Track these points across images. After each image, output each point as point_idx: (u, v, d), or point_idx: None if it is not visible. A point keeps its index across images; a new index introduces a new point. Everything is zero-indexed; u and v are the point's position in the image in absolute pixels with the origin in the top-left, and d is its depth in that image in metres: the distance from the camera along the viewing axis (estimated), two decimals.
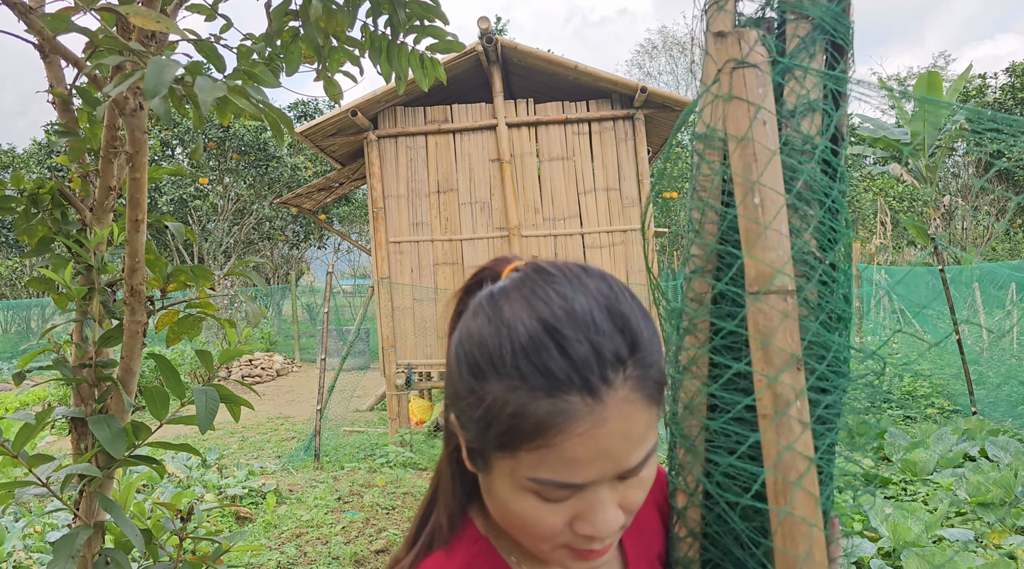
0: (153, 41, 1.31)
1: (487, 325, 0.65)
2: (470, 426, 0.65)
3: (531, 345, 0.61)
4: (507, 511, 0.67)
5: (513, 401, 0.61)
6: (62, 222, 1.45)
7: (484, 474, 0.68)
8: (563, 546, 0.67)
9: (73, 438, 1.41)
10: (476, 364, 0.64)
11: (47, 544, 4.53)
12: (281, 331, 20.60)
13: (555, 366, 0.60)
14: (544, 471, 0.62)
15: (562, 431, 0.60)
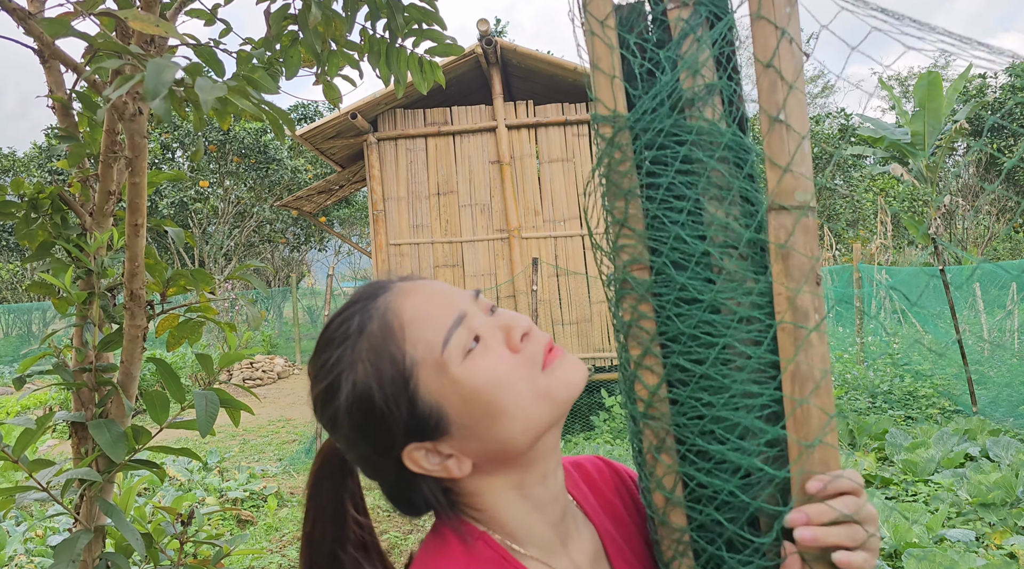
0: (152, 46, 1.31)
1: (313, 364, 0.76)
2: (390, 419, 0.69)
3: (334, 323, 0.74)
4: (481, 400, 0.68)
5: (359, 345, 0.70)
6: (62, 226, 1.46)
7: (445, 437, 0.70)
8: (538, 374, 0.70)
9: (73, 442, 1.42)
10: (328, 396, 0.73)
11: (48, 548, 4.53)
12: (282, 334, 20.61)
13: (349, 311, 0.73)
14: (430, 343, 0.68)
15: (390, 311, 0.70)
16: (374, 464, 0.75)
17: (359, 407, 0.69)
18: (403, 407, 0.68)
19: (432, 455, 0.72)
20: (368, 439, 0.71)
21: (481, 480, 0.74)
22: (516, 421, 0.68)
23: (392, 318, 0.69)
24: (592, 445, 7.28)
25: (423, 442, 0.71)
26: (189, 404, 1.35)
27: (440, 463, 0.72)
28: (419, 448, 0.71)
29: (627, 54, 0.79)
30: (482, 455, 0.72)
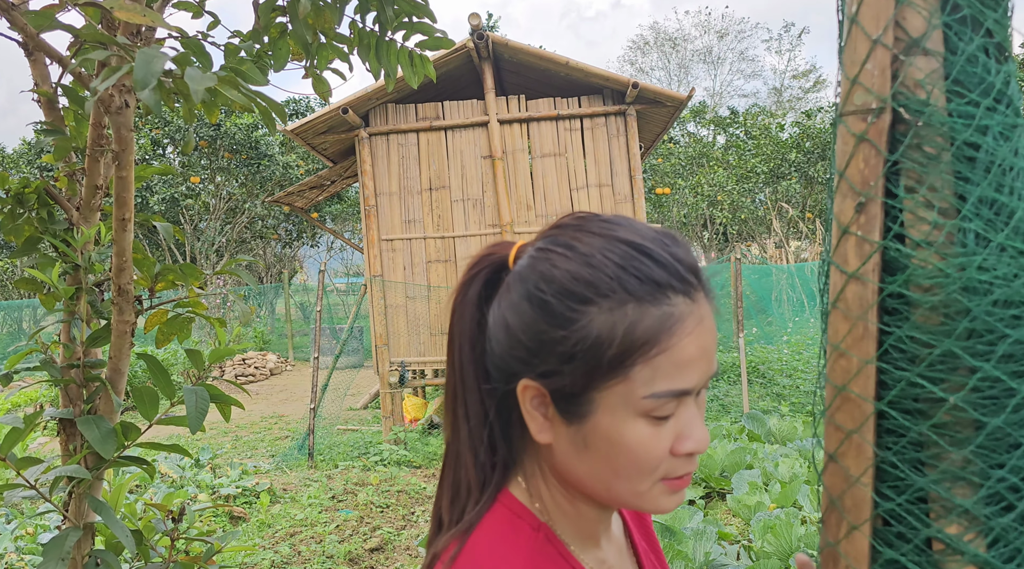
0: (139, 38, 1.30)
1: (569, 263, 0.67)
2: (568, 371, 0.66)
3: (626, 262, 0.65)
4: (615, 450, 0.68)
5: (623, 318, 0.64)
6: (49, 222, 1.44)
7: (578, 424, 0.69)
8: (661, 480, 0.70)
9: (62, 439, 1.40)
10: (566, 304, 0.65)
11: (38, 546, 4.51)
12: (274, 330, 20.56)
13: (655, 274, 0.65)
14: (659, 382, 0.65)
15: (674, 332, 0.64)
16: (504, 359, 0.71)
17: (556, 332, 0.66)
18: (574, 374, 0.67)
19: (539, 404, 0.71)
20: (530, 338, 0.68)
21: (556, 466, 0.75)
22: (608, 485, 0.71)
23: (666, 335, 0.65)
24: None
25: (548, 395, 0.70)
26: (179, 400, 1.34)
27: (537, 412, 0.71)
28: (540, 392, 0.70)
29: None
30: (565, 461, 0.73)
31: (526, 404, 0.71)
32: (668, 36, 38.23)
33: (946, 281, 0.58)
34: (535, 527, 0.75)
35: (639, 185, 8.27)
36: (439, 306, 8.31)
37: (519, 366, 0.69)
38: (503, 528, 0.74)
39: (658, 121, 9.09)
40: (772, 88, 38.22)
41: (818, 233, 16.65)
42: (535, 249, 0.71)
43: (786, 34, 42.51)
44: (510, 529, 0.74)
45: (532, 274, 0.68)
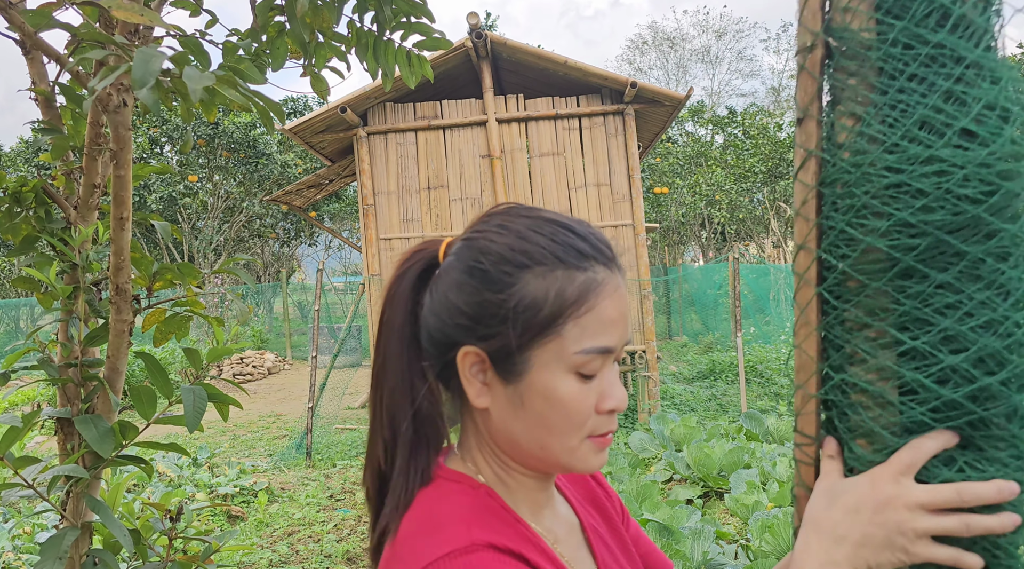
0: (137, 36, 1.30)
1: (504, 238, 0.76)
2: (506, 331, 0.73)
3: (554, 235, 0.76)
4: (548, 405, 0.74)
5: (554, 281, 0.73)
6: (46, 220, 1.44)
7: (515, 383, 0.75)
8: (588, 437, 0.76)
9: (60, 438, 1.40)
10: (503, 270, 0.74)
11: (36, 545, 4.51)
12: (272, 329, 20.54)
13: (579, 245, 0.75)
14: (587, 339, 0.73)
15: (599, 294, 0.74)
16: (444, 331, 0.77)
17: (495, 296, 0.74)
18: (511, 334, 0.74)
19: (476, 370, 0.77)
20: (472, 306, 0.75)
21: (492, 431, 0.80)
22: (543, 442, 0.76)
23: (592, 296, 0.74)
24: None
25: (488, 357, 0.76)
26: (177, 399, 1.34)
27: (475, 378, 0.77)
28: (479, 356, 0.76)
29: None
30: (502, 424, 0.78)
31: (465, 371, 0.77)
32: (666, 35, 38.25)
33: (850, 175, 0.69)
34: (474, 486, 0.79)
35: (637, 184, 8.27)
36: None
37: (461, 334, 0.76)
38: (442, 492, 0.78)
39: (656, 120, 9.09)
40: (770, 88, 38.23)
41: None
42: (468, 234, 0.79)
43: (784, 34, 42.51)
44: (449, 491, 0.78)
45: (469, 252, 0.77)
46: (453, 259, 0.78)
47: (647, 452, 6.68)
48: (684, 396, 9.51)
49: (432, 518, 0.75)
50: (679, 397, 9.45)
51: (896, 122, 0.67)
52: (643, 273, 8.26)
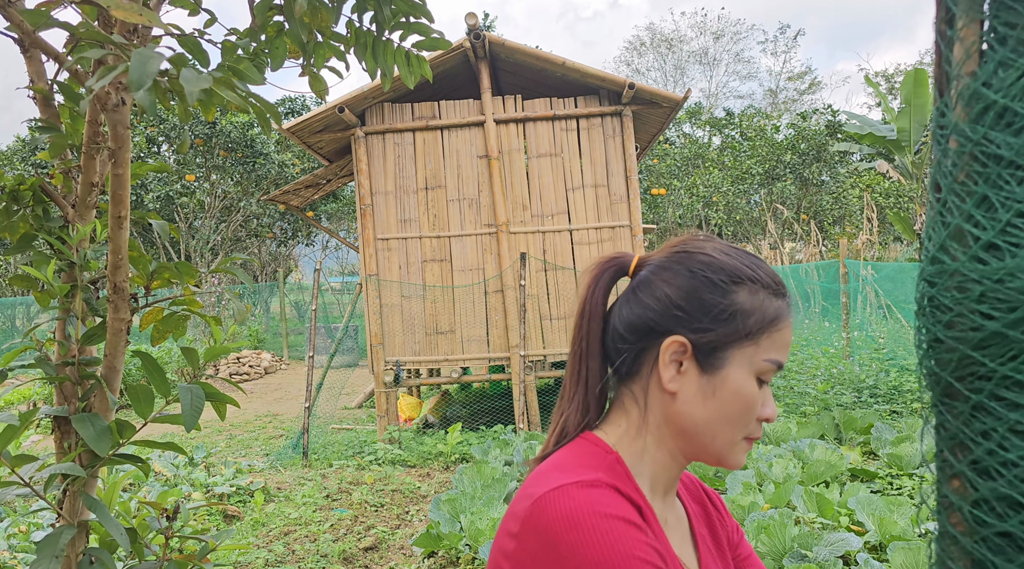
0: (135, 35, 1.30)
1: (721, 256, 0.93)
2: (716, 328, 0.90)
3: (756, 265, 0.93)
4: (734, 398, 0.90)
5: (760, 300, 0.91)
6: (44, 219, 1.44)
7: (710, 375, 0.90)
8: (744, 437, 0.92)
9: (56, 437, 1.40)
10: (723, 280, 0.91)
11: (32, 544, 4.50)
12: (269, 329, 20.52)
13: (775, 278, 0.93)
14: (773, 352, 0.90)
15: (784, 321, 0.92)
16: (651, 320, 0.93)
17: (717, 301, 0.91)
18: (723, 332, 0.90)
19: (676, 357, 0.92)
20: (693, 304, 0.91)
21: (670, 414, 0.94)
22: (715, 430, 0.91)
23: (782, 320, 0.92)
24: None
25: (690, 348, 0.91)
26: (174, 398, 1.34)
27: (673, 363, 0.92)
28: (684, 346, 0.91)
29: None
30: (685, 409, 0.92)
31: (665, 356, 0.91)
32: (664, 37, 38.29)
33: None
34: (607, 452, 0.94)
35: (635, 185, 8.28)
36: (434, 306, 8.31)
37: (672, 323, 0.91)
38: (582, 448, 0.94)
39: (654, 122, 9.10)
40: (767, 90, 38.31)
41: (812, 234, 16.69)
42: (680, 248, 0.96)
43: (782, 36, 42.67)
44: (588, 449, 0.94)
45: (690, 261, 0.93)
46: (664, 265, 0.94)
47: None
48: None
49: (568, 461, 0.91)
50: None
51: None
52: None
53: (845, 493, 4.87)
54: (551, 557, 0.81)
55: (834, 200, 18.83)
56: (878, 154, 20.40)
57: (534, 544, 0.83)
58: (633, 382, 0.96)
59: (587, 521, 0.80)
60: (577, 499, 0.82)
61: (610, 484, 0.85)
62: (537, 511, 0.83)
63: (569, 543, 0.80)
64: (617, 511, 0.82)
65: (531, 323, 8.24)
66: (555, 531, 0.81)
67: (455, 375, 8.39)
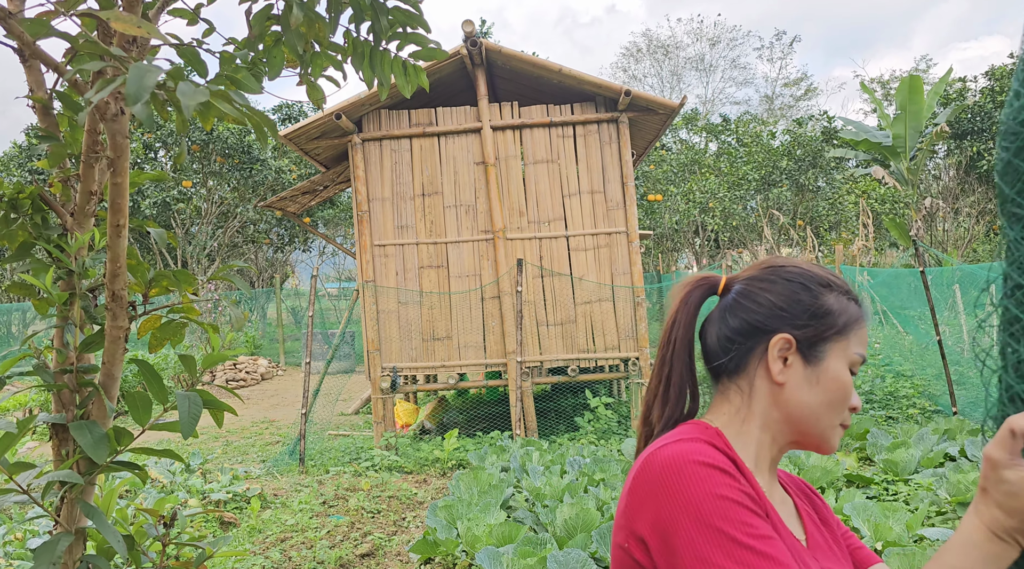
0: (134, 46, 1.31)
1: (808, 268, 1.11)
2: (814, 325, 1.06)
3: (835, 277, 1.11)
4: (835, 385, 1.05)
5: (845, 303, 1.08)
6: (43, 227, 1.45)
7: (814, 366, 1.05)
8: (840, 424, 1.07)
9: (54, 444, 1.41)
10: (816, 285, 1.08)
11: (28, 551, 4.49)
12: (266, 335, 20.49)
13: (849, 289, 1.11)
14: (860, 347, 1.08)
15: (863, 321, 1.10)
16: (758, 322, 1.09)
17: (812, 301, 1.07)
18: (820, 328, 1.06)
19: (783, 352, 1.06)
20: (793, 305, 1.07)
21: (779, 402, 1.08)
22: (819, 415, 1.06)
23: (862, 320, 1.11)
24: (576, 445, 7.29)
25: (795, 343, 1.06)
26: (172, 405, 1.34)
27: (779, 359, 1.06)
28: (789, 342, 1.06)
29: None
30: (793, 397, 1.06)
31: (773, 352, 1.06)
32: (661, 43, 38.38)
33: None
34: (708, 428, 1.07)
35: (631, 192, 8.31)
36: (431, 312, 8.31)
37: (777, 323, 1.07)
38: (683, 427, 1.09)
39: (650, 128, 9.13)
40: (764, 96, 38.41)
41: (808, 240, 16.72)
42: (770, 265, 1.13)
43: (778, 42, 42.81)
44: (689, 427, 1.08)
45: (784, 272, 1.10)
46: (759, 277, 1.11)
47: None
48: None
49: (673, 433, 1.06)
50: None
51: None
52: (637, 280, 8.28)
53: (841, 499, 4.87)
54: (657, 499, 0.95)
55: (830, 206, 18.87)
56: (874, 160, 20.47)
57: (643, 492, 0.98)
58: (739, 377, 1.10)
59: (686, 467, 0.95)
60: (678, 450, 0.98)
61: (713, 444, 1.00)
62: (646, 465, 0.99)
63: (670, 485, 0.95)
64: (711, 460, 0.96)
65: (528, 329, 8.25)
66: (659, 477, 0.96)
67: (452, 381, 8.40)
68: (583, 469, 6.02)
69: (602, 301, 8.30)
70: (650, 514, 0.95)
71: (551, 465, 6.18)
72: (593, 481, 5.74)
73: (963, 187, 19.09)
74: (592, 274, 8.31)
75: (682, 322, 1.15)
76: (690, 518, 0.92)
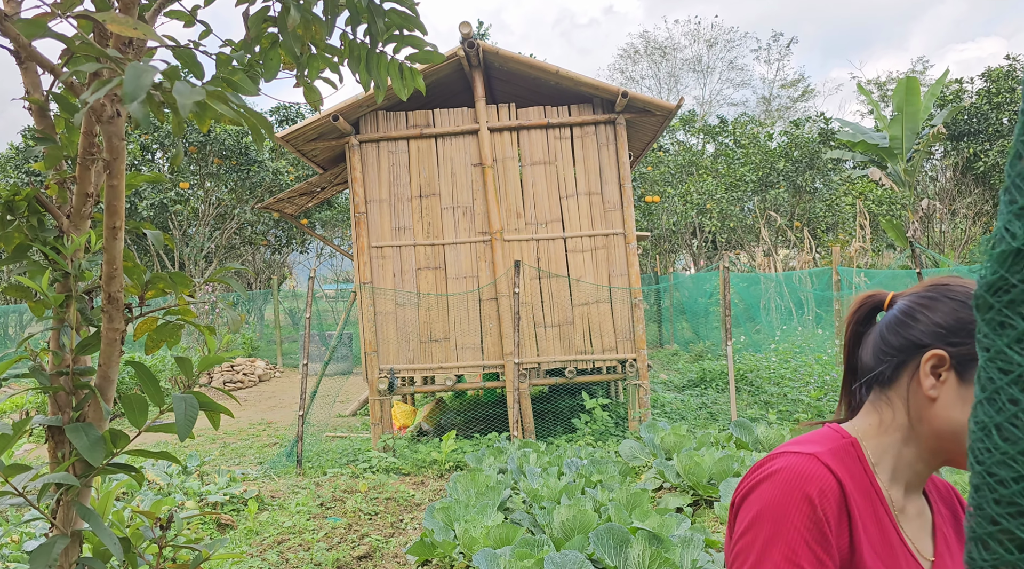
0: (131, 48, 1.31)
1: (970, 289, 1.09)
2: (973, 343, 1.02)
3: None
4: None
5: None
6: (39, 229, 1.45)
7: (969, 383, 1.03)
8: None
9: (50, 446, 1.41)
10: (966, 314, 1.07)
11: (24, 553, 4.47)
12: (263, 336, 20.47)
13: None
14: None
15: None
16: (915, 337, 1.10)
17: (973, 319, 0.99)
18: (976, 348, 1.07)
19: (936, 368, 1.07)
20: (952, 323, 1.08)
21: (928, 417, 1.09)
22: (962, 437, 1.04)
23: None
24: (574, 447, 7.29)
25: (949, 360, 1.06)
26: (168, 407, 1.34)
27: (931, 375, 1.07)
28: (943, 358, 1.06)
29: None
30: (944, 413, 1.06)
31: (925, 367, 1.07)
32: (658, 45, 38.44)
33: None
34: (844, 437, 1.12)
35: (628, 193, 8.31)
36: (428, 313, 8.31)
37: (933, 339, 1.08)
38: (819, 432, 1.14)
39: (647, 130, 9.14)
40: (761, 97, 38.47)
41: (806, 242, 16.74)
42: (934, 284, 1.14)
43: (775, 44, 42.85)
44: (824, 432, 1.14)
45: (949, 291, 1.11)
46: (923, 294, 1.13)
47: (637, 460, 6.69)
48: (674, 404, 9.52)
49: (804, 438, 1.11)
50: (669, 405, 9.47)
51: None
52: (634, 281, 8.28)
53: None
54: (754, 499, 1.05)
55: (827, 207, 18.90)
56: (871, 161, 20.51)
57: (748, 489, 1.07)
58: (890, 389, 1.13)
59: (782, 484, 1.03)
60: (786, 463, 1.05)
61: (824, 462, 1.05)
62: (759, 466, 1.08)
63: (760, 493, 1.04)
64: (808, 487, 1.02)
65: (525, 331, 8.25)
66: (762, 484, 1.05)
67: (449, 383, 8.39)
68: (580, 470, 6.02)
69: (600, 302, 8.30)
70: (753, 502, 1.06)
71: (548, 467, 6.18)
72: (590, 482, 5.74)
73: (960, 188, 19.13)
74: (590, 275, 8.31)
75: (849, 338, 1.23)
76: (765, 536, 1.01)
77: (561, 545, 4.41)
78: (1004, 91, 17.22)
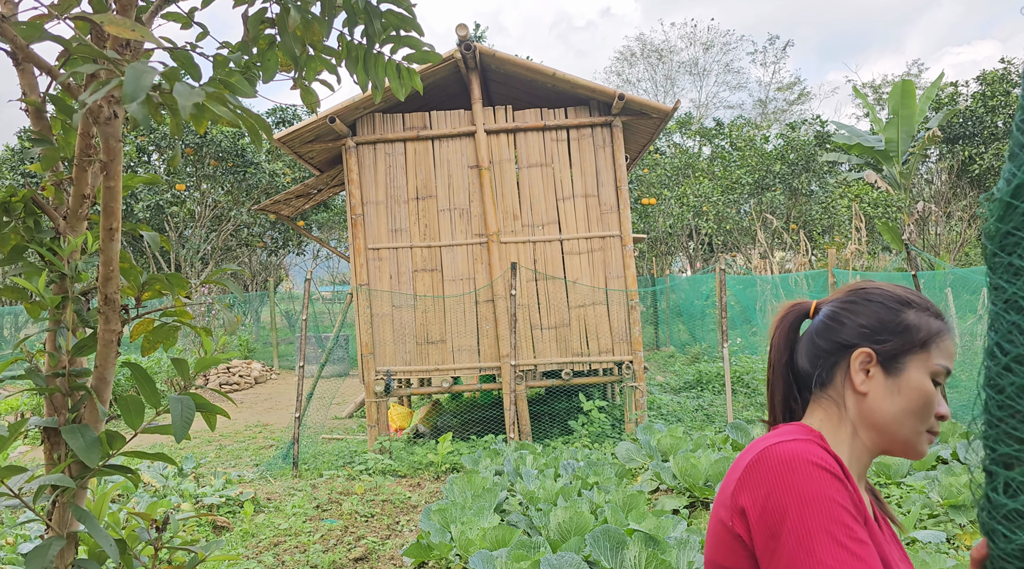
0: (128, 50, 1.31)
1: (890, 288, 1.22)
2: (895, 340, 1.16)
3: (917, 296, 1.20)
4: (916, 394, 1.14)
5: (926, 319, 1.17)
6: (35, 230, 1.44)
7: (895, 377, 1.15)
8: (927, 430, 1.15)
9: (46, 448, 1.40)
10: (896, 304, 1.19)
11: (19, 556, 4.46)
12: (259, 338, 20.44)
13: (931, 306, 1.20)
14: (942, 359, 1.16)
15: (948, 336, 1.18)
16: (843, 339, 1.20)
17: (892, 319, 1.18)
18: (899, 343, 1.16)
19: (865, 364, 1.17)
20: (874, 323, 1.18)
21: (863, 410, 1.18)
22: (902, 421, 1.15)
23: (945, 335, 1.19)
24: (570, 449, 7.29)
25: (875, 356, 1.16)
26: (164, 409, 1.34)
27: (860, 371, 1.17)
28: (870, 355, 1.16)
29: None
30: (876, 406, 1.16)
31: (855, 364, 1.17)
32: (655, 47, 38.49)
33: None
34: (811, 431, 1.17)
35: (625, 195, 8.32)
36: (425, 315, 8.31)
37: (859, 339, 1.18)
38: (791, 426, 1.20)
39: (644, 132, 9.15)
40: (757, 100, 38.54)
41: (802, 244, 16.77)
42: (854, 288, 1.24)
43: (771, 47, 42.91)
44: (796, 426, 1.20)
45: (866, 294, 1.21)
46: (845, 299, 1.23)
47: (634, 462, 6.69)
48: (671, 406, 9.53)
49: (783, 431, 1.17)
50: (666, 407, 9.48)
51: None
52: (630, 284, 8.29)
53: None
54: (770, 486, 1.06)
55: (823, 210, 18.93)
56: (866, 164, 20.55)
57: (758, 477, 1.08)
58: (830, 387, 1.21)
59: (802, 466, 1.06)
60: (797, 449, 1.08)
61: (819, 444, 1.11)
62: (762, 458, 1.09)
63: (787, 478, 1.05)
64: (824, 463, 1.06)
65: (522, 333, 8.25)
66: (778, 468, 1.07)
67: (446, 385, 8.39)
68: (577, 472, 6.01)
69: (596, 304, 8.31)
70: (761, 494, 1.06)
71: (545, 468, 6.18)
72: (587, 484, 5.74)
73: (955, 191, 19.18)
74: (586, 277, 8.32)
75: (779, 345, 1.30)
76: (800, 512, 1.02)
77: (557, 547, 4.41)
78: (999, 94, 17.27)
